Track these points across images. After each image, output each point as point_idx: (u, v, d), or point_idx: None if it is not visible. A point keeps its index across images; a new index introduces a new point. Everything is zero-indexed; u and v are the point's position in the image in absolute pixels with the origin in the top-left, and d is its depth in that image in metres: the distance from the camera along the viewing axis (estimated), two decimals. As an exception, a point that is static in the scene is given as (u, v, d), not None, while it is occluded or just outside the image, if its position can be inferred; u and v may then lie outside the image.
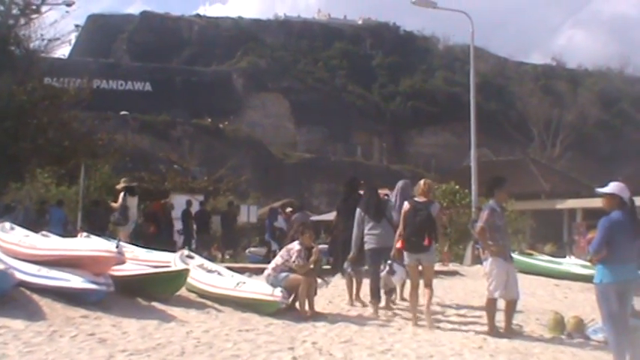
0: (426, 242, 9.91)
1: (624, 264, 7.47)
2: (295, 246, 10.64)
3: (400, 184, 12.19)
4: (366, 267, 11.63)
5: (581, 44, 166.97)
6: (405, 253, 10.22)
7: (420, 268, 10.28)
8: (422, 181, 10.62)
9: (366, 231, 11.12)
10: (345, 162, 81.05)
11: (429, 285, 10.17)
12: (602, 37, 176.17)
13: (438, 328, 10.06)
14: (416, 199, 10.35)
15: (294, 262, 10.47)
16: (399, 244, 10.30)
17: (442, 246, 11.52)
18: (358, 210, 11.34)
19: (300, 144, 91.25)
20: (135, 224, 17.82)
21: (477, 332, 9.76)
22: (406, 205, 10.30)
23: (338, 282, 13.33)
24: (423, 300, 10.21)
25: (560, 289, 15.73)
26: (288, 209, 24.71)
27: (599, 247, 7.51)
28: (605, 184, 7.90)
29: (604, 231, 7.52)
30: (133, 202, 17.14)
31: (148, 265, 11.48)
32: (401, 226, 10.23)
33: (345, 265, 11.79)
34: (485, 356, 8.38)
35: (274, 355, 7.66)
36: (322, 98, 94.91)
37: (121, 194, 16.76)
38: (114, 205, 17.10)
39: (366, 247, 11.12)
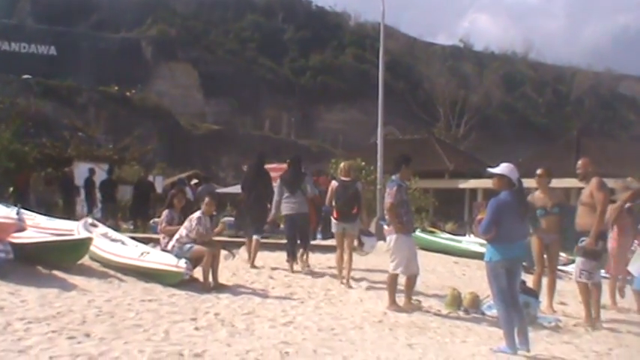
0: (354, 211, 11.70)
1: (512, 242, 7.75)
2: (196, 214, 10.67)
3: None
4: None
5: (484, 28, 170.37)
6: (334, 222, 11.89)
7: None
8: (342, 164, 12.78)
9: (283, 199, 12.79)
10: (253, 135, 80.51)
11: (349, 250, 11.80)
12: (503, 22, 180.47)
13: (341, 302, 10.26)
14: (342, 178, 12.04)
15: (193, 229, 10.48)
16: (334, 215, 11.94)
17: (366, 218, 13.59)
18: (279, 180, 13.03)
19: (209, 115, 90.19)
20: None
21: (378, 307, 9.98)
22: (334, 183, 12.17)
23: (243, 254, 13.43)
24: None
25: (459, 267, 16.15)
26: (194, 181, 24.53)
27: (488, 227, 7.77)
28: (498, 165, 8.15)
29: (492, 211, 7.77)
30: None
31: (50, 233, 11.28)
32: (333, 201, 11.92)
33: (266, 227, 13.63)
34: (385, 330, 8.59)
35: (177, 326, 7.67)
36: (232, 70, 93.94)
37: None
38: None
39: (283, 213, 12.96)
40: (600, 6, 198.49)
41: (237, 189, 18.83)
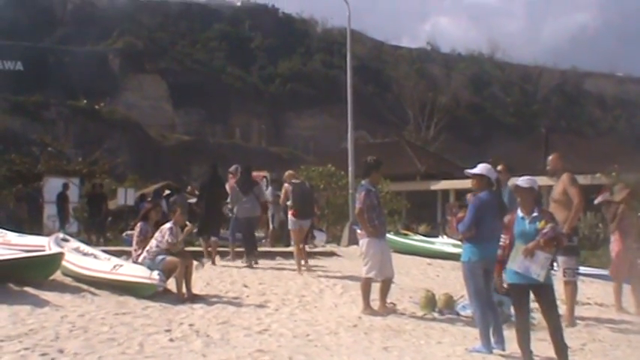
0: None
1: (490, 242, 7.78)
2: (167, 225, 10.63)
3: (236, 167, 15.35)
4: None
5: (448, 30, 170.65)
6: (293, 220, 13.26)
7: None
8: (287, 172, 14.69)
9: (240, 203, 14.37)
10: (223, 144, 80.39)
11: (305, 242, 13.95)
12: (466, 24, 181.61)
13: (316, 307, 10.25)
14: (293, 181, 13.60)
15: (166, 240, 10.42)
16: (291, 213, 13.34)
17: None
18: (235, 185, 14.57)
19: (179, 126, 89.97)
20: None
21: (352, 311, 9.98)
22: (287, 186, 13.61)
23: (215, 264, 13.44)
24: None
25: (433, 268, 16.16)
26: (166, 192, 24.59)
27: (469, 226, 7.79)
28: (474, 166, 8.20)
29: (474, 211, 7.80)
30: None
31: (21, 250, 11.19)
32: (290, 201, 13.40)
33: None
34: (360, 334, 8.59)
35: (151, 338, 7.63)
36: (201, 80, 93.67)
37: None
38: None
39: (238, 215, 14.49)
40: (558, 6, 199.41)
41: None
